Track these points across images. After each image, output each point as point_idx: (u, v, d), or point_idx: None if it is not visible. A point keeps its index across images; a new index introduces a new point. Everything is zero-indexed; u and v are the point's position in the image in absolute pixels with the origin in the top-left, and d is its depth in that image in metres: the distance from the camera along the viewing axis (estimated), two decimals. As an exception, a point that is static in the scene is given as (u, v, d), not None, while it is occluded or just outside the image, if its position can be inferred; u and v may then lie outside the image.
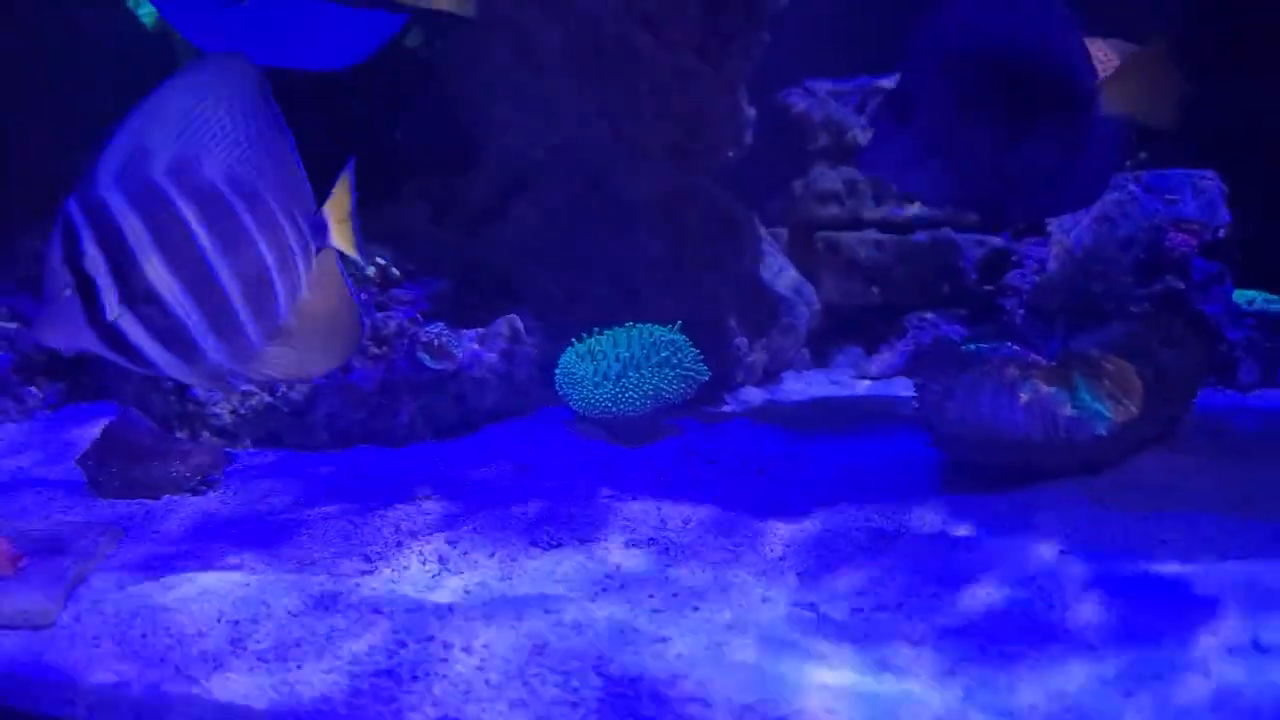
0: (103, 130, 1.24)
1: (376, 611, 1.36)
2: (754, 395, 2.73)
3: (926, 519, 1.72)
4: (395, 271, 2.29)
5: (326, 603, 1.38)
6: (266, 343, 1.36)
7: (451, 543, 1.64)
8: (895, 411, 2.50)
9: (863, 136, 3.13)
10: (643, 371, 2.12)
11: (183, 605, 1.37)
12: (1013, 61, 1.57)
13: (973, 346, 2.02)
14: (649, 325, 2.23)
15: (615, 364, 2.14)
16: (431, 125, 2.74)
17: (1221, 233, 2.57)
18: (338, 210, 1.43)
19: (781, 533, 1.67)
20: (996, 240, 3.08)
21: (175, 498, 1.80)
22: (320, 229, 1.41)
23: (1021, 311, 2.74)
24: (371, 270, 2.25)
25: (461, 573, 1.53)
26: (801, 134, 3.15)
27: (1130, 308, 2.42)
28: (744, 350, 2.70)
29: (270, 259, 1.33)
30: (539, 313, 2.45)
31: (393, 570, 1.53)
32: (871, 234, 3.09)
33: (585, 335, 2.24)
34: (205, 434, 2.02)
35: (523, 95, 2.53)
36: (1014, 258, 2.94)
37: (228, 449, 2.02)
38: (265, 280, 1.33)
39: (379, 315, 2.17)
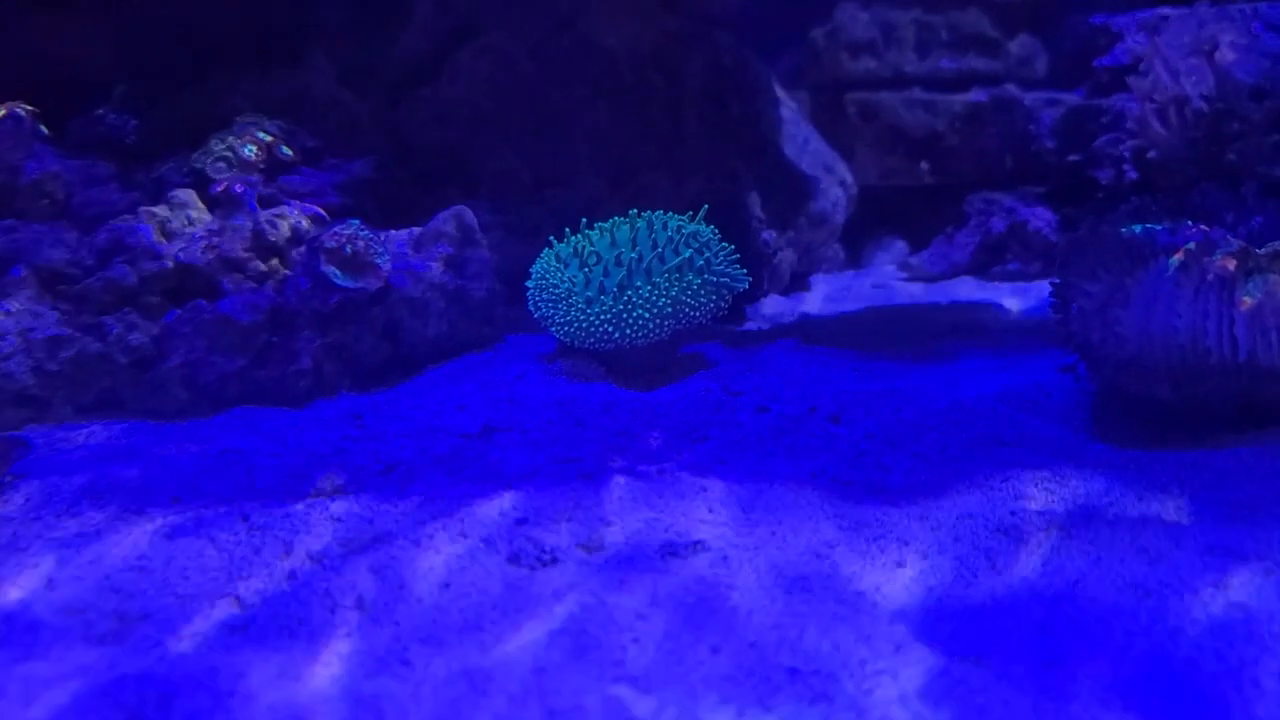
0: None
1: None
2: (781, 307, 2.09)
3: (1114, 496, 1.14)
4: (286, 150, 1.57)
5: None
6: None
7: (377, 570, 1.01)
8: (986, 326, 1.88)
9: (903, -33, 2.44)
10: (655, 280, 1.45)
11: None
12: None
13: (1137, 229, 1.40)
14: (660, 213, 1.55)
15: (616, 269, 1.46)
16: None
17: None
18: None
19: (904, 533, 1.06)
20: (1072, 98, 2.42)
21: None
22: None
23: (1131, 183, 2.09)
24: (251, 150, 1.53)
25: (394, 621, 0.95)
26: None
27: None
28: (771, 246, 2.04)
29: None
30: (499, 204, 1.76)
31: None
32: (918, 93, 2.42)
33: (568, 231, 1.55)
34: (-5, 401, 1.32)
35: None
36: (1103, 117, 2.27)
37: (32, 424, 1.33)
38: None
39: (264, 215, 1.46)
